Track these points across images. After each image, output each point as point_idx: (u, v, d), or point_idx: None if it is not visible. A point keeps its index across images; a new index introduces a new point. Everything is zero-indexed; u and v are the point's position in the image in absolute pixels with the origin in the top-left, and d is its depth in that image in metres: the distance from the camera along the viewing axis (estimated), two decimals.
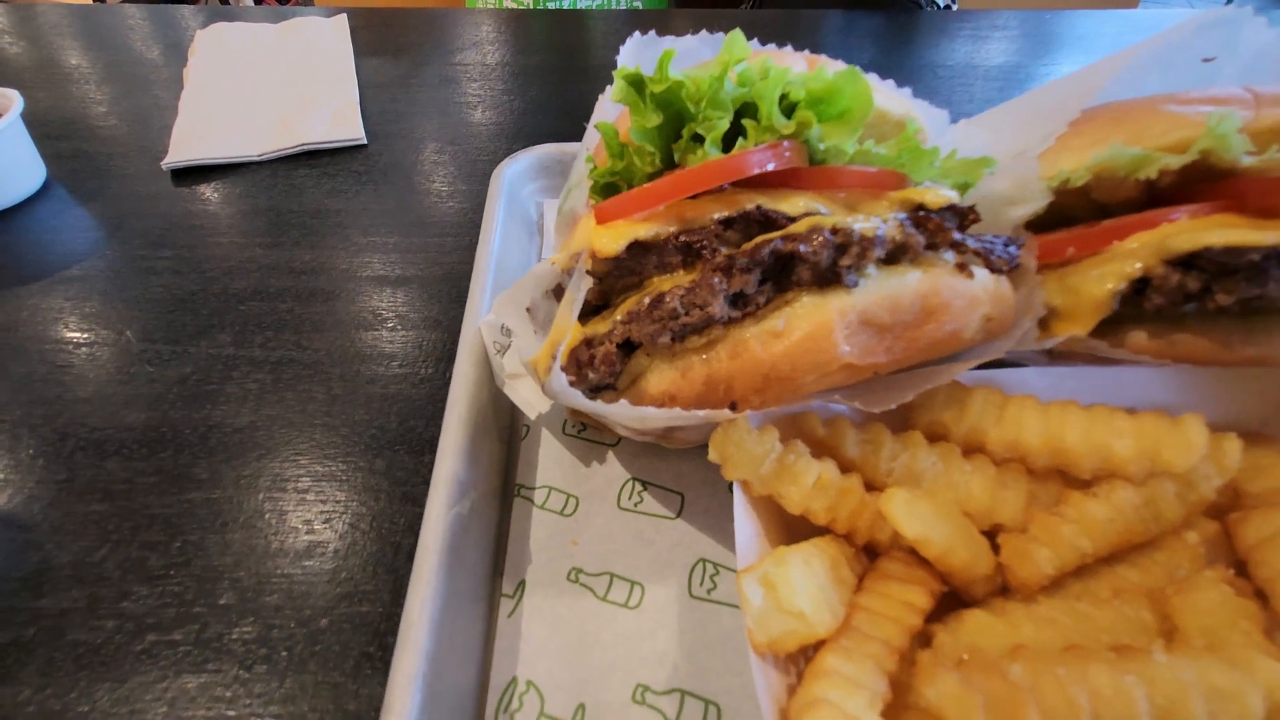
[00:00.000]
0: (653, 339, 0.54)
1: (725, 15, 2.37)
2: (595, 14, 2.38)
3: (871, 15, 2.32)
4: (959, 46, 1.98)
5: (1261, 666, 0.45)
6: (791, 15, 2.39)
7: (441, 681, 0.57)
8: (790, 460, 0.61)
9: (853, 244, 0.51)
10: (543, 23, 2.10)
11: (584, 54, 1.94)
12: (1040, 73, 1.78)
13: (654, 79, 0.56)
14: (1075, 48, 1.90)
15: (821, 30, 2.29)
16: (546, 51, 1.92)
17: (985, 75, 1.78)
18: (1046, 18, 2.07)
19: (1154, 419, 0.59)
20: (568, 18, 2.20)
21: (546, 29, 2.06)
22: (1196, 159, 0.63)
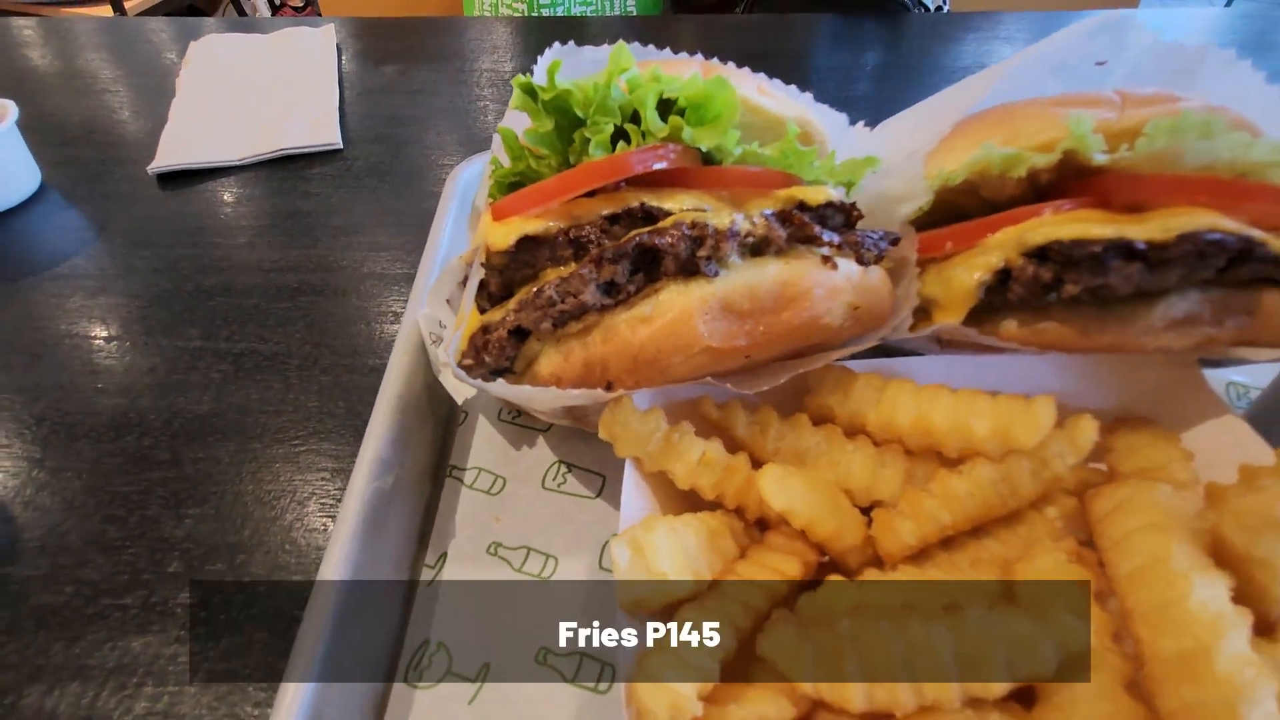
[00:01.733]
0: (537, 325, 0.59)
1: (719, 21, 2.42)
2: (591, 20, 2.45)
3: (862, 20, 2.35)
4: (950, 49, 2.03)
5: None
6: (783, 20, 2.43)
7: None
8: (675, 439, 0.66)
9: (708, 237, 0.56)
10: (536, 30, 2.16)
11: None
12: None
13: (544, 87, 0.62)
14: None
15: (813, 35, 2.34)
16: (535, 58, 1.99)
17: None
18: (1043, 20, 2.09)
19: (1010, 401, 0.63)
20: (563, 25, 2.26)
21: (539, 36, 2.12)
22: (1064, 158, 0.67)
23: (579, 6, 3.63)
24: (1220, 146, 0.61)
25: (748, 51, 2.05)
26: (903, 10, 2.49)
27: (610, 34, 2.37)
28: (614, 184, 0.66)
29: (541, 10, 3.51)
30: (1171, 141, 0.61)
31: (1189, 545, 0.53)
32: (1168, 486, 0.59)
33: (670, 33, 2.35)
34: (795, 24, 2.35)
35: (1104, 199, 0.67)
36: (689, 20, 2.43)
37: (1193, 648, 0.47)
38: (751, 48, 2.09)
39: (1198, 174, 0.63)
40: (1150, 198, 0.64)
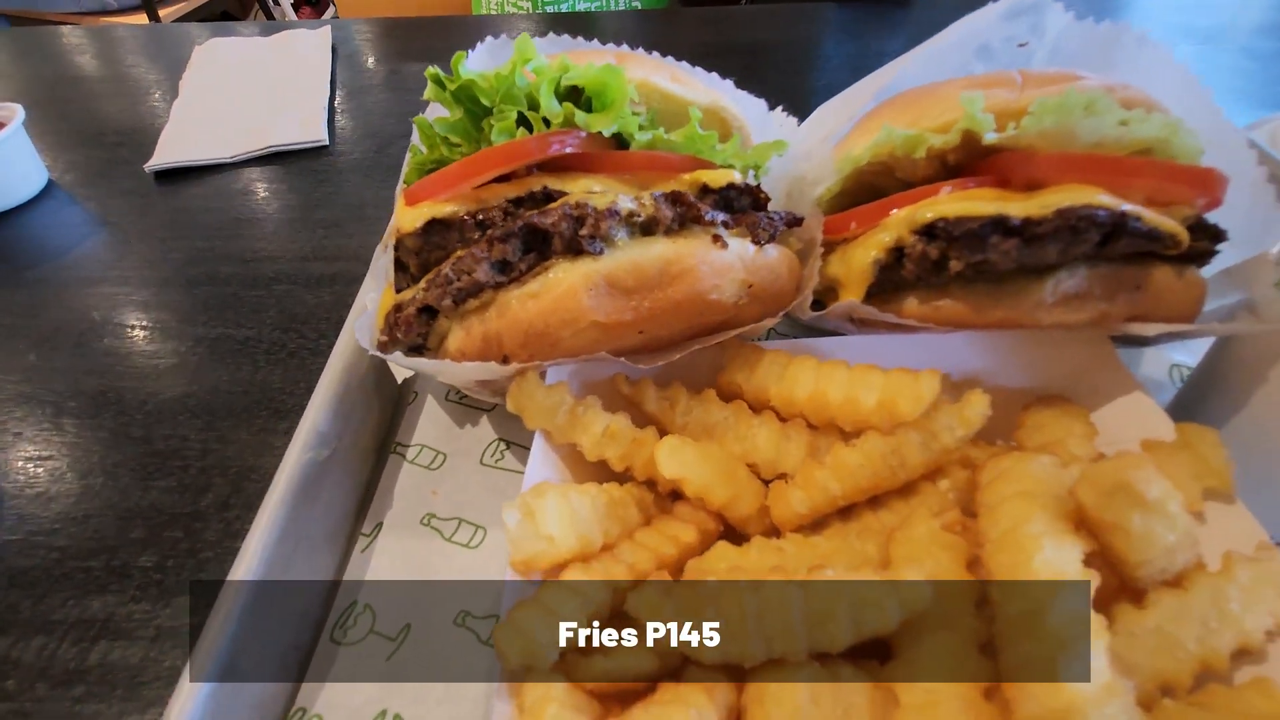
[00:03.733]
0: (439, 302, 0.63)
1: (724, 13, 2.43)
2: (599, 15, 2.48)
3: (864, 9, 2.35)
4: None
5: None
6: (789, 10, 2.43)
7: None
8: (580, 411, 0.69)
9: (589, 217, 0.58)
10: (539, 27, 2.20)
11: None
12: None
13: (449, 78, 0.65)
14: None
15: (820, 24, 2.34)
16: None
17: None
18: None
19: (898, 375, 0.65)
20: (569, 21, 2.29)
21: (542, 33, 2.16)
22: (964, 138, 0.68)
23: (583, 3, 3.67)
24: (1106, 124, 0.62)
25: (754, 43, 2.07)
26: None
27: (618, 29, 2.43)
28: (525, 169, 0.70)
29: (546, 8, 3.56)
30: (1059, 119, 0.62)
31: (1051, 513, 0.54)
32: (1047, 458, 0.60)
33: (676, 26, 2.37)
34: (802, 14, 2.35)
35: (1004, 178, 0.68)
36: (694, 13, 2.45)
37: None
38: (758, 39, 2.10)
39: (1088, 152, 0.64)
40: (1045, 175, 0.65)
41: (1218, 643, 0.54)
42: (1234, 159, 0.67)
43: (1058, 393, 0.78)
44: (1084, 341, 0.75)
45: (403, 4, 4.26)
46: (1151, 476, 0.51)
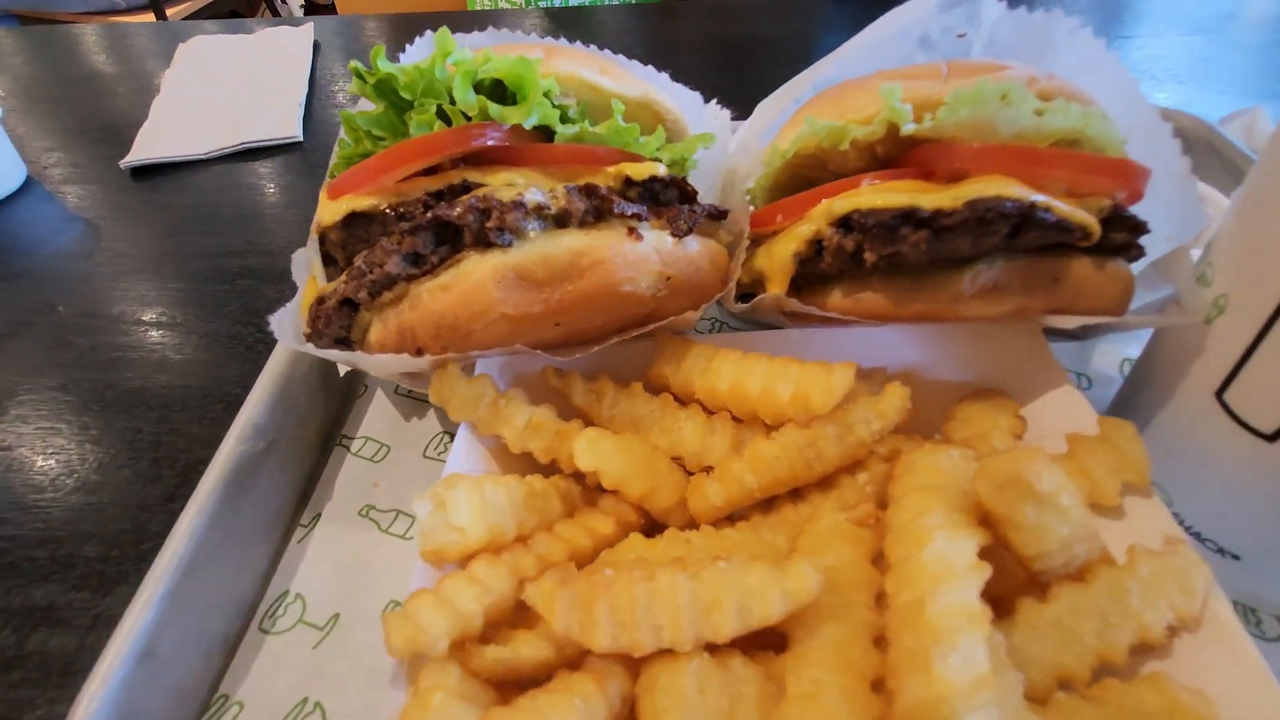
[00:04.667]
0: (355, 295, 0.64)
1: (720, 6, 2.42)
2: (600, 9, 2.47)
3: (858, 3, 2.34)
4: None
5: (793, 572, 0.51)
6: (782, 3, 2.42)
7: (203, 586, 0.68)
8: (502, 404, 0.70)
9: (494, 209, 0.59)
10: (532, 22, 2.20)
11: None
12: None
13: (369, 72, 0.66)
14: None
15: (821, 16, 2.33)
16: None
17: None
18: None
19: (814, 368, 0.65)
20: (567, 15, 2.29)
21: (538, 27, 2.16)
22: (889, 129, 0.68)
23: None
24: (1023, 114, 0.61)
25: (749, 36, 2.06)
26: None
27: (619, 22, 2.42)
28: (452, 163, 0.70)
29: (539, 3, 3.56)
30: (974, 110, 0.62)
31: (951, 506, 0.54)
32: (957, 451, 0.59)
33: (671, 20, 2.36)
34: (798, 8, 2.35)
35: (928, 169, 0.68)
36: (690, 7, 2.44)
37: (917, 597, 0.49)
38: (753, 33, 2.10)
39: (1007, 143, 0.63)
40: (965, 167, 0.64)
41: (1116, 637, 0.53)
42: (1160, 151, 0.67)
43: (994, 386, 0.78)
44: (1018, 336, 0.75)
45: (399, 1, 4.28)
46: (1043, 470, 0.51)
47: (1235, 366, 0.58)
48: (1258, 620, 0.68)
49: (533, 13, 2.37)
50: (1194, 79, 1.62)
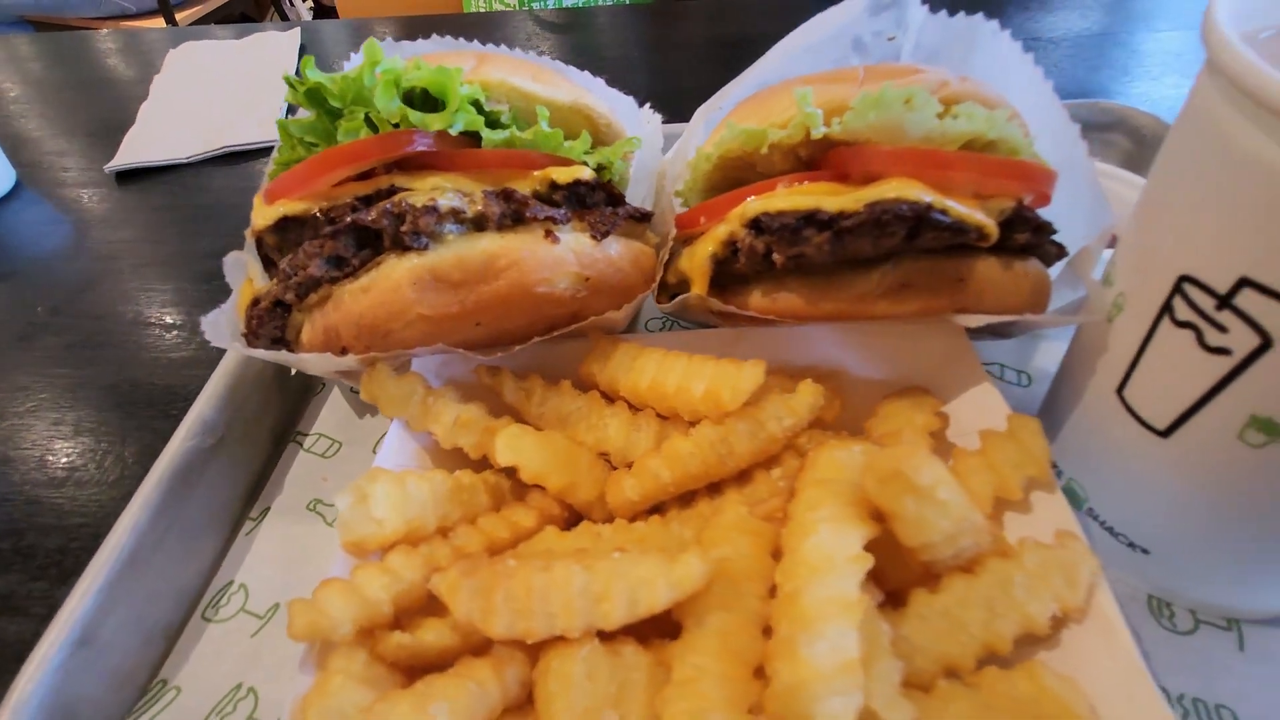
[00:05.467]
0: (283, 296, 0.66)
1: (716, 7, 2.43)
2: (598, 10, 2.49)
3: None
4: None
5: (681, 563, 0.53)
6: (778, 3, 2.42)
7: (146, 575, 0.71)
8: (432, 401, 0.72)
9: (407, 214, 0.61)
10: (528, 25, 2.22)
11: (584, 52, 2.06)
12: None
13: (299, 81, 0.68)
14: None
15: (808, 16, 2.33)
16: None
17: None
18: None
19: (725, 366, 0.67)
20: (567, 15, 2.31)
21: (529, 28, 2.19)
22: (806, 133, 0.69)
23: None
24: (926, 118, 0.63)
25: (746, 36, 2.08)
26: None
27: (619, 22, 2.44)
28: (385, 168, 0.72)
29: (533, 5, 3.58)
30: (880, 114, 0.63)
31: (843, 499, 0.56)
32: (859, 447, 0.61)
33: (677, 17, 2.38)
34: (794, 6, 2.35)
35: (844, 171, 0.69)
36: (698, 4, 2.45)
37: (796, 587, 0.51)
38: (750, 32, 2.11)
39: (914, 146, 0.64)
40: (875, 169, 0.66)
41: (1001, 627, 0.55)
42: (1072, 153, 0.68)
43: (921, 384, 0.79)
44: (942, 335, 0.76)
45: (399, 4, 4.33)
46: (922, 465, 0.52)
47: (1131, 364, 0.60)
48: (1171, 614, 0.69)
49: (526, 14, 2.39)
50: None
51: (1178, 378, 0.55)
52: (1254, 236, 0.46)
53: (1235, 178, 0.47)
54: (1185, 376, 0.54)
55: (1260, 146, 0.44)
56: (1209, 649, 0.67)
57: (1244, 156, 0.46)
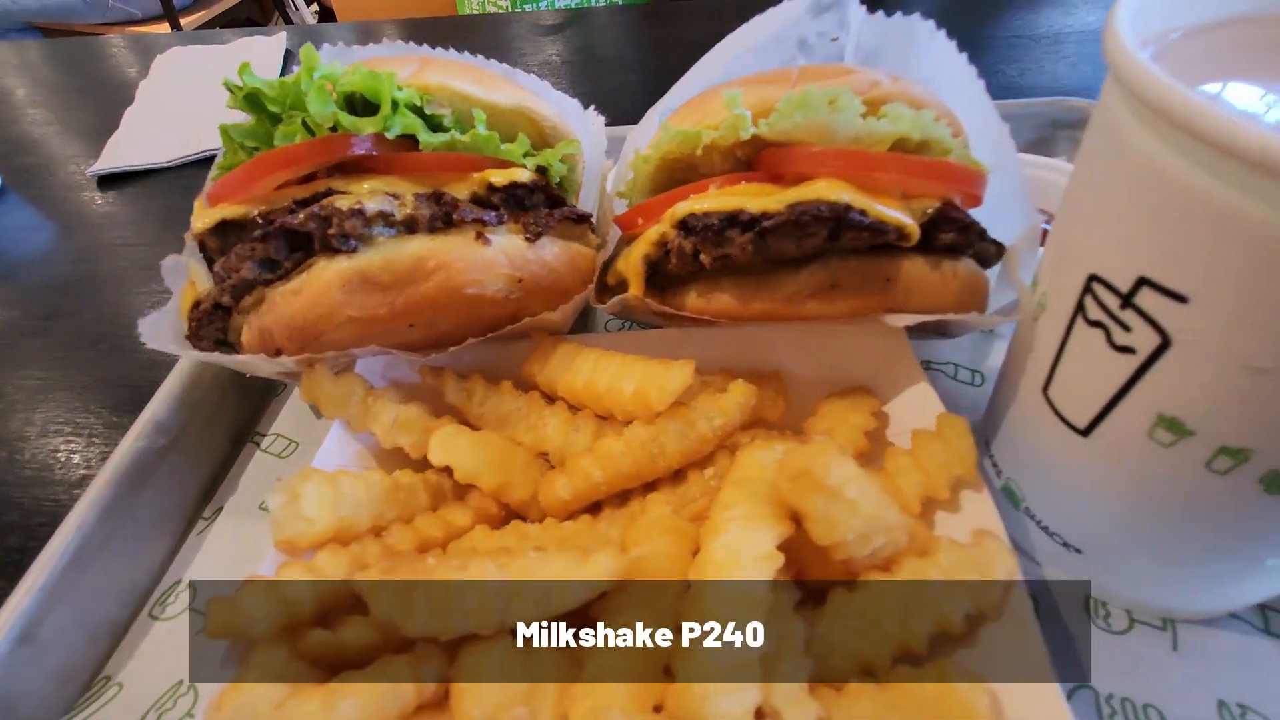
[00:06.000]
0: (220, 299, 0.67)
1: (708, 7, 2.43)
2: (596, 10, 2.50)
3: None
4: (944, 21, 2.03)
5: (591, 562, 0.53)
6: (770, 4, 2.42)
7: (94, 573, 0.72)
8: (371, 402, 0.73)
9: (333, 217, 0.62)
10: (520, 29, 2.23)
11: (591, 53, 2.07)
12: None
13: (237, 86, 0.69)
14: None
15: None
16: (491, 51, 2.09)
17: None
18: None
19: (656, 366, 0.67)
20: (563, 15, 2.32)
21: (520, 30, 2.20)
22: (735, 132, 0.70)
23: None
24: (850, 119, 0.63)
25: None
26: None
27: (616, 23, 2.44)
28: (326, 172, 0.73)
29: (524, 6, 3.59)
30: (805, 115, 0.63)
31: (760, 498, 0.56)
32: (782, 446, 0.61)
33: (673, 17, 2.38)
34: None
35: (777, 172, 0.70)
36: (693, 5, 2.45)
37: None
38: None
39: (842, 147, 0.65)
40: (804, 170, 0.66)
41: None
42: (1003, 154, 0.68)
43: (863, 384, 0.79)
44: (882, 335, 0.76)
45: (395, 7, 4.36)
46: (831, 464, 0.53)
47: (1053, 363, 0.60)
48: (1107, 614, 0.69)
49: (525, 16, 2.41)
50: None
51: (1092, 377, 0.55)
52: (1150, 237, 0.47)
53: (1132, 179, 0.47)
54: (1099, 375, 0.54)
55: (1154, 150, 0.44)
56: (1143, 649, 0.67)
57: (1139, 159, 0.46)
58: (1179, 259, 0.45)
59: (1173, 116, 0.40)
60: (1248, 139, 0.37)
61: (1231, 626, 0.68)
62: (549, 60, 1.96)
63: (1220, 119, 0.38)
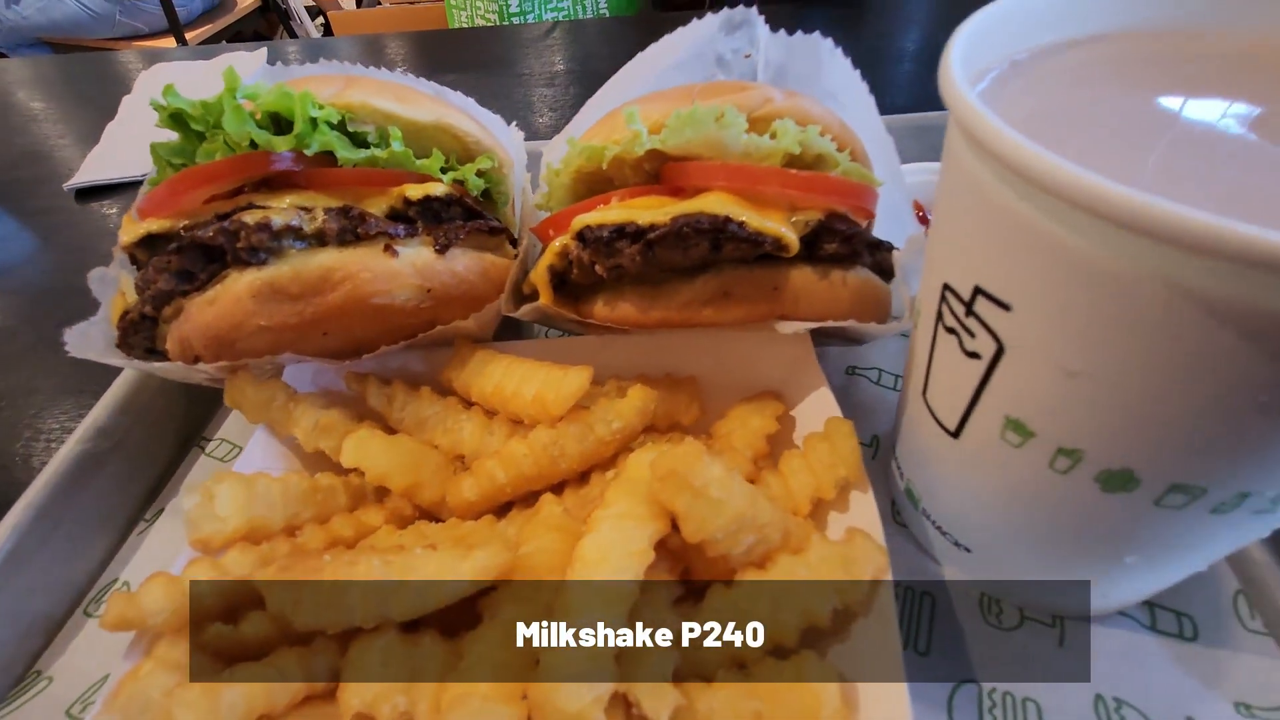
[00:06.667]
0: (142, 309, 0.71)
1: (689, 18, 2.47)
2: (587, 23, 2.55)
3: (819, 10, 2.38)
4: (907, 31, 2.08)
5: (471, 558, 0.56)
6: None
7: (23, 573, 0.75)
8: (292, 406, 0.76)
9: (242, 230, 0.65)
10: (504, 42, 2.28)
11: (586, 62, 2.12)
12: None
13: (162, 106, 0.73)
14: None
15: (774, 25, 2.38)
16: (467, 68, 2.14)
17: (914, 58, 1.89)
18: None
19: (556, 372, 0.70)
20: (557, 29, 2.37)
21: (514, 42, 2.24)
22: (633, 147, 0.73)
23: (550, 12, 3.74)
24: (735, 135, 0.66)
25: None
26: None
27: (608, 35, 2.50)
28: (252, 187, 0.76)
29: (512, 19, 3.64)
30: (696, 131, 0.66)
31: (639, 499, 0.59)
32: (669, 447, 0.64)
33: (662, 26, 2.43)
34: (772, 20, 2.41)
35: (677, 186, 0.72)
36: (666, 17, 2.50)
37: (569, 580, 0.54)
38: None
39: (731, 161, 0.67)
40: (698, 183, 0.69)
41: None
42: (891, 166, 0.70)
43: (774, 389, 0.82)
44: (788, 343, 0.79)
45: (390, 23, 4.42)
46: (696, 464, 0.55)
47: (927, 368, 0.62)
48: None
49: (518, 29, 2.46)
50: None
51: (953, 381, 0.57)
52: (981, 251, 0.49)
53: (967, 198, 0.49)
54: (958, 379, 0.57)
55: (984, 177, 0.46)
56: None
57: (971, 181, 0.48)
58: (1003, 271, 0.47)
59: (1001, 157, 0.42)
60: (1056, 175, 0.38)
61: (1119, 624, 0.69)
62: (544, 71, 2.00)
63: (1036, 158, 0.39)
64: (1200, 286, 0.37)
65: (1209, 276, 0.36)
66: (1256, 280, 0.35)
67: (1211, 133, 0.46)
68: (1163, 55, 0.53)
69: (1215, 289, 0.36)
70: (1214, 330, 0.38)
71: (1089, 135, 0.47)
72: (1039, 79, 0.51)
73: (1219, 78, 0.51)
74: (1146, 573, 0.60)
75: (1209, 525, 0.50)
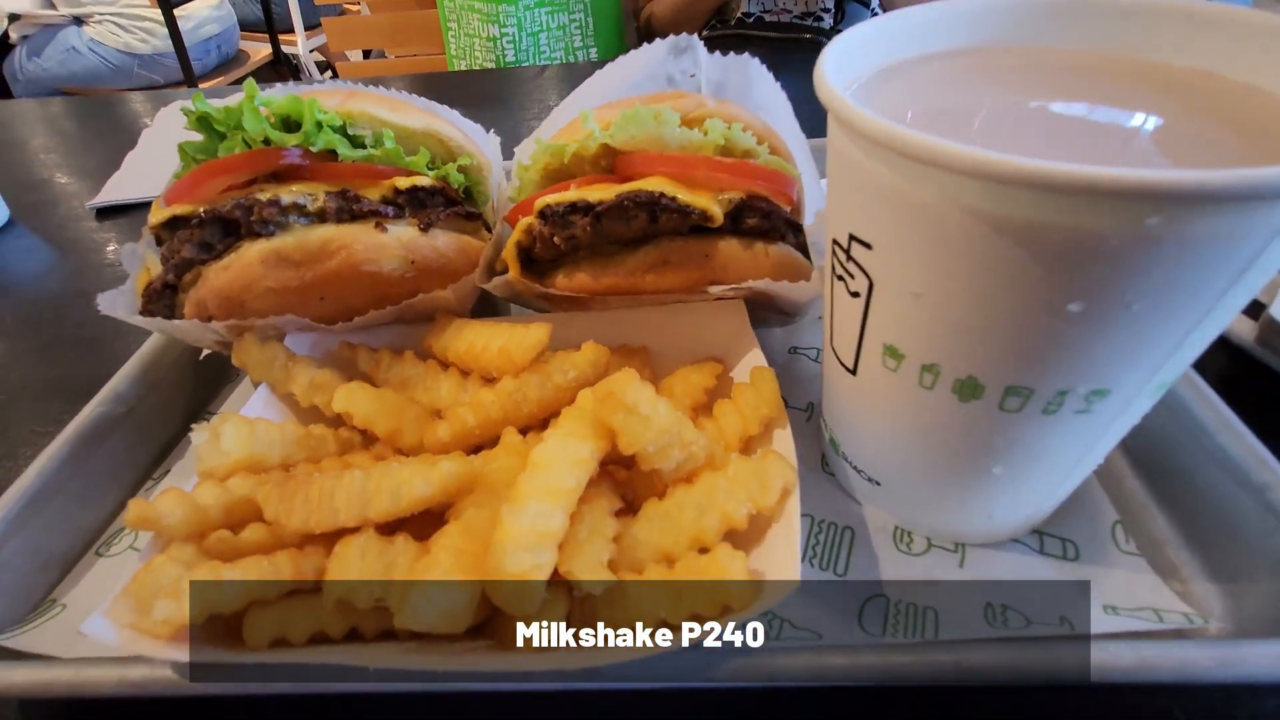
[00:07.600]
0: (168, 277, 0.82)
1: None
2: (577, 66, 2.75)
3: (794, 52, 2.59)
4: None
5: (436, 467, 0.66)
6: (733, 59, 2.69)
7: (48, 514, 0.85)
8: (291, 366, 0.87)
9: (255, 206, 0.77)
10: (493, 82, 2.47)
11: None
12: None
13: (190, 111, 0.86)
14: None
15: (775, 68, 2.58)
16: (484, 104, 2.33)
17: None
18: None
19: (519, 329, 0.81)
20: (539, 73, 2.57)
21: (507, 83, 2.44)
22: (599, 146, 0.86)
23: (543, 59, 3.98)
24: (671, 131, 0.79)
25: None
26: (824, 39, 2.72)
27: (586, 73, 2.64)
28: (266, 179, 0.89)
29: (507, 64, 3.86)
30: (639, 129, 0.80)
31: (582, 422, 0.69)
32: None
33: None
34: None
35: (626, 175, 0.85)
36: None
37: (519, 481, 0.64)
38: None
39: (668, 152, 0.80)
40: (642, 171, 0.82)
41: (708, 523, 0.67)
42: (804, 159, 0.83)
43: (718, 356, 0.93)
44: (728, 315, 0.91)
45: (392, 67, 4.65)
46: (628, 386, 0.66)
47: (831, 318, 0.74)
48: (910, 541, 0.81)
49: (505, 71, 2.66)
50: None
51: (846, 322, 0.69)
52: (850, 202, 0.61)
53: (838, 163, 0.62)
54: (849, 319, 0.68)
55: (843, 142, 0.59)
56: (934, 566, 0.78)
57: (838, 150, 0.60)
58: (865, 216, 0.59)
59: (849, 124, 0.54)
60: (878, 129, 0.51)
61: (1012, 549, 0.79)
62: (537, 106, 2.19)
63: (866, 119, 0.52)
64: (983, 207, 0.49)
65: (985, 198, 0.48)
66: (1017, 197, 0.47)
67: (1034, 110, 0.59)
68: (1010, 63, 0.66)
69: (993, 208, 0.48)
70: (1001, 245, 0.50)
71: (942, 116, 0.60)
72: (907, 80, 0.65)
73: (1059, 79, 0.63)
74: (1011, 486, 0.70)
75: (1045, 427, 0.61)
